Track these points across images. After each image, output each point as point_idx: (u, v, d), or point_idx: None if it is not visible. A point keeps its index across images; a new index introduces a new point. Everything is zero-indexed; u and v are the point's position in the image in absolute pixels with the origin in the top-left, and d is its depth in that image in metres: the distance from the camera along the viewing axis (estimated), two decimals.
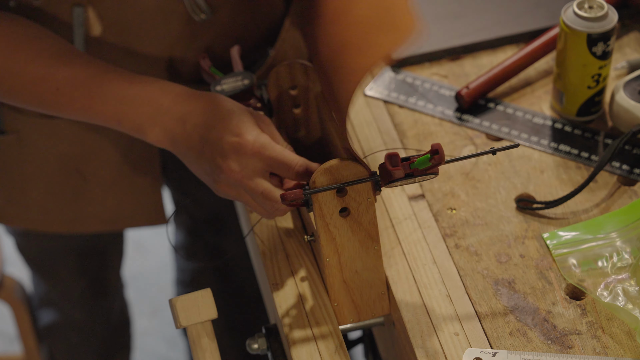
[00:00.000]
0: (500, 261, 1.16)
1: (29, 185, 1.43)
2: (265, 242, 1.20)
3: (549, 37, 1.37)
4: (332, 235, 1.07)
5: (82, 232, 1.52)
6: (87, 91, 1.14)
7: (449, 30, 1.43)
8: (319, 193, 1.05)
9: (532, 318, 1.10)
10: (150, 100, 1.12)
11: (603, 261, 1.15)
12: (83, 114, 1.16)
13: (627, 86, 1.28)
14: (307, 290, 1.14)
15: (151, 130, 1.13)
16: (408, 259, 1.16)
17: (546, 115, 1.33)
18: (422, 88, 1.37)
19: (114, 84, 1.13)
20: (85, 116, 1.16)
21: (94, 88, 1.14)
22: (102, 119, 1.15)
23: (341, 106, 1.03)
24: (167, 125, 1.12)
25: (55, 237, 1.57)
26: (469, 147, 1.29)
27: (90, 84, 1.14)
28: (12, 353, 2.34)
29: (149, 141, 1.14)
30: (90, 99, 1.14)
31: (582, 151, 1.28)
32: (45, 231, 1.50)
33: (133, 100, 1.13)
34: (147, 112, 1.13)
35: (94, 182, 1.43)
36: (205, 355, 1.09)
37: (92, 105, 1.14)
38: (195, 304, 1.08)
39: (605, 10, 1.25)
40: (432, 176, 1.06)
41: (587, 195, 1.22)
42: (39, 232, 1.54)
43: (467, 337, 1.08)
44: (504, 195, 1.23)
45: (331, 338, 1.10)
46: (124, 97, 1.13)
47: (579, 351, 1.07)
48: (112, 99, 1.13)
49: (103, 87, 1.13)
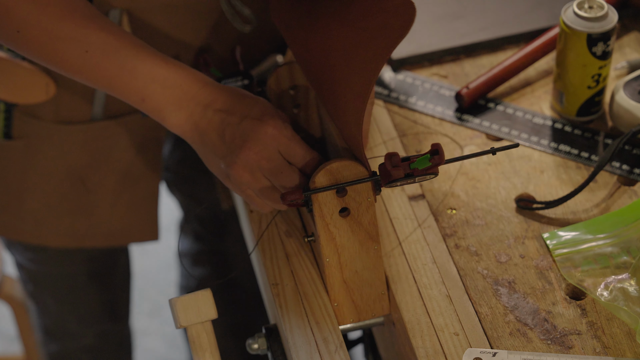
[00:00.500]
0: (500, 261, 1.16)
1: (26, 195, 1.41)
2: (265, 242, 1.20)
3: (549, 37, 1.37)
4: (332, 236, 1.07)
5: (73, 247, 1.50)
6: (117, 60, 1.10)
7: (449, 30, 1.43)
8: (318, 193, 1.05)
9: (532, 318, 1.10)
10: (181, 85, 1.10)
11: (603, 261, 1.15)
12: (107, 82, 1.11)
13: (627, 86, 1.28)
14: (307, 290, 1.14)
15: (175, 114, 1.11)
16: (408, 259, 1.16)
17: (546, 115, 1.33)
18: (422, 88, 1.37)
19: (147, 60, 1.10)
20: (108, 86, 1.12)
21: (126, 59, 1.10)
22: (125, 93, 1.12)
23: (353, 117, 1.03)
24: (191, 110, 1.10)
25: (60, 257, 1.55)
26: (469, 147, 1.29)
27: (123, 54, 1.10)
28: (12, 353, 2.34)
29: (168, 125, 1.12)
30: (120, 69, 1.10)
31: (582, 151, 1.28)
32: (36, 244, 1.48)
33: (164, 81, 1.10)
34: (174, 95, 1.11)
35: (96, 193, 1.41)
36: (205, 355, 1.09)
37: (120, 75, 1.10)
38: (195, 304, 1.08)
39: (605, 10, 1.25)
40: (432, 176, 1.06)
41: (587, 195, 1.22)
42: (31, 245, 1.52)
43: (467, 337, 1.08)
44: (504, 195, 1.23)
45: (331, 338, 1.10)
46: (155, 75, 1.10)
47: (579, 351, 1.07)
48: (143, 74, 1.10)
49: (135, 61, 1.10)
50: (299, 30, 1.13)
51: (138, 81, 1.10)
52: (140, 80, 1.10)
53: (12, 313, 1.91)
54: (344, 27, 1.06)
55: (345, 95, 1.05)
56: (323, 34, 1.09)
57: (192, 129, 1.11)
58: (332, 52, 1.07)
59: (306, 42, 1.11)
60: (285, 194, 1.06)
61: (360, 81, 1.02)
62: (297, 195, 1.06)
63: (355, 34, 1.04)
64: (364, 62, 1.02)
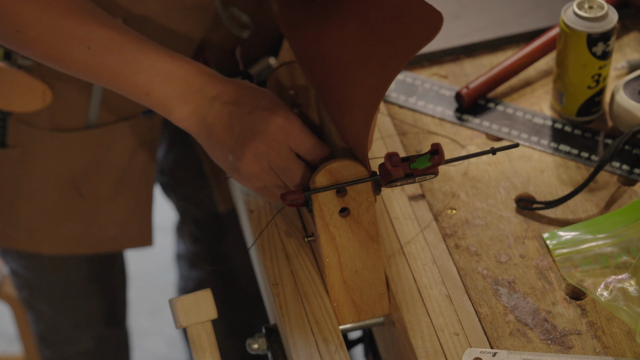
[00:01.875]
0: (500, 261, 1.16)
1: (20, 203, 1.40)
2: (265, 242, 1.20)
3: (549, 37, 1.37)
4: (332, 236, 1.07)
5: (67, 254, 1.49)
6: (121, 56, 1.09)
7: (449, 30, 1.43)
8: (318, 193, 1.05)
9: (532, 318, 1.10)
10: (186, 78, 1.09)
11: (603, 261, 1.15)
12: (110, 78, 1.10)
13: (627, 86, 1.28)
14: (307, 290, 1.14)
15: (181, 107, 1.10)
16: (408, 259, 1.16)
17: (546, 115, 1.33)
18: (422, 88, 1.37)
19: (151, 55, 1.09)
20: (112, 82, 1.11)
21: (129, 54, 1.09)
22: (130, 88, 1.10)
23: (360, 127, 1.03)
24: (198, 104, 1.10)
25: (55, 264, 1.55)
26: (469, 147, 1.29)
27: (126, 49, 1.09)
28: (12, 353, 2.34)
29: (173, 119, 1.11)
30: (124, 64, 1.09)
31: (582, 151, 1.28)
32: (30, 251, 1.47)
33: (169, 75, 1.09)
34: (180, 88, 1.10)
35: (90, 200, 1.41)
36: (205, 355, 1.09)
37: (123, 71, 1.09)
38: (195, 304, 1.08)
39: (605, 10, 1.25)
40: (432, 176, 1.06)
41: (587, 195, 1.22)
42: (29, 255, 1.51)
43: (467, 337, 1.08)
44: (504, 195, 1.23)
45: (331, 338, 1.10)
46: (160, 69, 1.09)
47: (579, 351, 1.07)
48: (147, 69, 1.09)
49: (139, 56, 1.09)
50: (309, 27, 1.13)
51: (142, 76, 1.09)
52: (144, 74, 1.09)
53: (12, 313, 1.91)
54: (362, 27, 1.05)
55: (356, 93, 1.04)
56: (337, 31, 1.08)
57: (198, 122, 1.10)
58: (346, 50, 1.06)
59: (316, 39, 1.11)
60: (285, 194, 1.06)
61: (375, 80, 1.01)
62: (297, 195, 1.05)
63: (375, 34, 1.03)
64: (381, 62, 1.01)
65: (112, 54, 1.09)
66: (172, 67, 1.10)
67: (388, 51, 1.01)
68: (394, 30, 1.01)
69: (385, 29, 1.02)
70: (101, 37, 1.08)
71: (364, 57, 1.04)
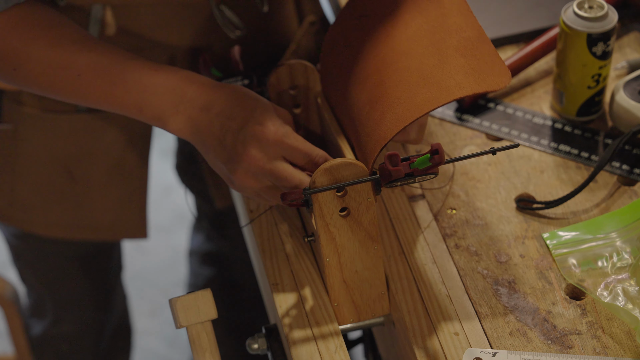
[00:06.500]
0: (500, 261, 1.16)
1: (17, 181, 1.42)
2: (265, 242, 1.20)
3: (549, 37, 1.37)
4: (332, 236, 1.07)
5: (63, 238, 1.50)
6: (109, 78, 1.11)
7: None
8: (319, 193, 1.05)
9: (532, 318, 1.10)
10: (175, 89, 1.10)
11: (603, 261, 1.15)
12: (104, 101, 1.13)
13: (627, 86, 1.28)
14: (307, 290, 1.14)
15: (173, 119, 1.11)
16: (408, 259, 1.16)
17: (546, 115, 1.33)
18: None
19: (137, 71, 1.11)
20: (105, 103, 1.13)
21: (117, 75, 1.11)
22: (122, 107, 1.13)
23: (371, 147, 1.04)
24: (189, 114, 1.10)
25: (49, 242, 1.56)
26: (469, 147, 1.29)
27: (113, 70, 1.11)
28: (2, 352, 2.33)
29: (170, 130, 1.12)
30: (112, 85, 1.11)
31: (582, 151, 1.28)
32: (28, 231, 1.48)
33: (156, 89, 1.11)
34: (170, 100, 1.11)
35: (83, 185, 1.42)
36: (205, 355, 1.09)
37: (113, 92, 1.12)
38: (195, 304, 1.08)
39: (605, 10, 1.25)
40: (432, 176, 1.06)
41: (587, 195, 1.22)
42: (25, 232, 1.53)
43: (467, 337, 1.08)
44: (504, 195, 1.23)
45: (331, 338, 1.10)
46: (147, 85, 1.11)
47: (579, 351, 1.07)
48: (135, 86, 1.11)
49: (126, 75, 1.11)
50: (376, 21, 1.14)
51: (132, 94, 1.11)
52: (133, 92, 1.11)
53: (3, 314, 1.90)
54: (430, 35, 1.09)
55: (400, 95, 1.06)
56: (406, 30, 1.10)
57: (192, 132, 1.11)
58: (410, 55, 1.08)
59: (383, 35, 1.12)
60: (285, 194, 1.06)
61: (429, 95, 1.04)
62: (297, 195, 1.05)
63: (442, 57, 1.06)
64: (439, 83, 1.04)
65: (100, 77, 1.12)
66: (159, 79, 1.11)
67: (452, 79, 1.03)
68: (465, 66, 1.04)
69: (454, 59, 1.05)
70: (89, 63, 1.11)
71: (425, 72, 1.06)
